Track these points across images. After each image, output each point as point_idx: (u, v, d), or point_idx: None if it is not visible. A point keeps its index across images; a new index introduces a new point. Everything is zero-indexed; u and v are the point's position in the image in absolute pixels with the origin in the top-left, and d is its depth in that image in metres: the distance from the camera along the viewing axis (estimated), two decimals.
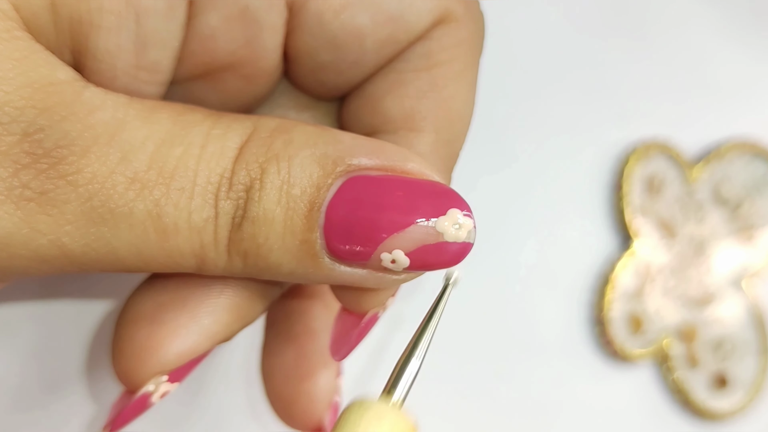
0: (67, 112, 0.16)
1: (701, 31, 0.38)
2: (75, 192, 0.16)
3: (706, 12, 0.38)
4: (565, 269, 0.35)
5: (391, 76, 0.20)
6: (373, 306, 0.20)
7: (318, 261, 0.17)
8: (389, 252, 0.17)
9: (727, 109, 0.38)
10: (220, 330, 0.20)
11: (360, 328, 0.20)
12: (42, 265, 0.17)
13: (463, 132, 0.21)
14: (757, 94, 0.38)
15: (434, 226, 0.17)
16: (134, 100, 0.17)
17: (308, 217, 0.17)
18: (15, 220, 0.16)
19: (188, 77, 0.20)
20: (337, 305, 0.21)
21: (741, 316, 0.36)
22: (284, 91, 0.22)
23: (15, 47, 0.16)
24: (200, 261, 0.17)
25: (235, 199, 0.17)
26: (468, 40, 0.20)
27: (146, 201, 0.16)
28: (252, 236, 0.17)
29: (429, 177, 0.18)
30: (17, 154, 0.16)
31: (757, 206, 0.37)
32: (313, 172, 0.17)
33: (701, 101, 0.37)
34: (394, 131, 0.20)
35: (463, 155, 0.22)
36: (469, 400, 0.32)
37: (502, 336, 0.33)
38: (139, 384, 0.20)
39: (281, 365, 0.23)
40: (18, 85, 0.16)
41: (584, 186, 0.35)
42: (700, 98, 0.37)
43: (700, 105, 0.37)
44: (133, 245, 0.17)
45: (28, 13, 0.17)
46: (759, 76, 0.38)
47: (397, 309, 0.31)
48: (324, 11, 0.19)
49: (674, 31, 0.37)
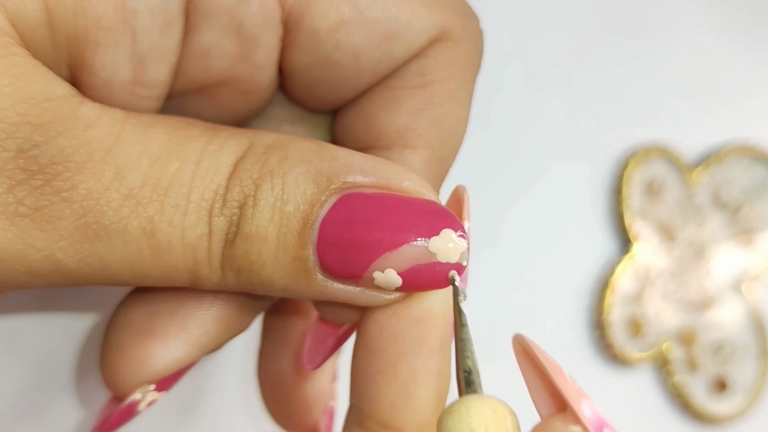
0: (63, 128, 0.16)
1: (701, 34, 0.37)
2: (69, 208, 0.16)
3: (706, 16, 0.38)
4: (565, 273, 0.35)
5: (385, 93, 0.20)
6: (351, 319, 0.20)
7: (311, 278, 0.17)
8: (381, 271, 0.17)
9: (727, 112, 0.37)
10: (208, 341, 0.20)
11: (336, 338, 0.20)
12: (36, 279, 0.17)
13: (455, 150, 0.21)
14: (756, 98, 0.38)
15: (427, 246, 0.17)
16: (130, 115, 0.17)
17: (301, 233, 0.17)
18: (9, 235, 0.16)
19: (184, 92, 0.20)
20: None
21: (741, 320, 0.36)
22: (278, 103, 0.22)
23: (12, 63, 0.16)
24: (194, 276, 0.17)
25: (228, 216, 0.17)
26: (464, 59, 0.20)
27: (140, 218, 0.16)
28: (245, 253, 0.17)
29: (424, 196, 0.17)
30: (12, 170, 0.16)
31: (756, 210, 0.37)
32: (307, 188, 0.17)
33: (701, 105, 0.37)
34: (388, 147, 0.20)
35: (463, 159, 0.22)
36: None
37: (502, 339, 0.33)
38: (127, 392, 0.20)
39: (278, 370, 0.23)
40: (14, 100, 0.16)
41: (584, 189, 0.35)
42: (700, 102, 0.37)
43: (699, 109, 0.37)
44: (127, 261, 0.17)
45: (25, 28, 0.17)
46: (759, 80, 0.38)
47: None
48: (319, 29, 0.19)
49: (674, 35, 0.37)
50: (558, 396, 0.16)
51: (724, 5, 0.38)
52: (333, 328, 0.20)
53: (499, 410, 0.15)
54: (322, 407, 0.23)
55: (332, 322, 0.20)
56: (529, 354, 0.16)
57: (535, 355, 0.16)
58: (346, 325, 0.20)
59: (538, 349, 0.16)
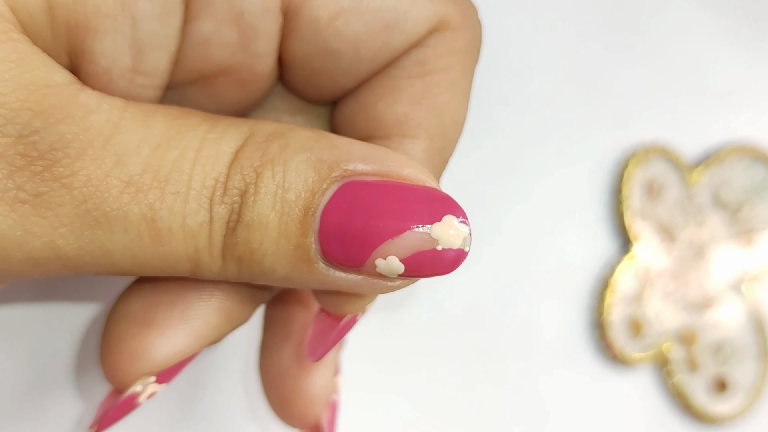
0: (63, 115, 0.16)
1: (701, 34, 0.38)
2: (69, 195, 0.16)
3: (706, 16, 0.38)
4: (565, 273, 0.35)
5: (385, 82, 0.20)
6: (353, 310, 0.20)
7: (312, 266, 0.17)
8: (384, 258, 0.17)
9: (727, 112, 0.38)
10: (209, 332, 0.20)
11: (338, 330, 0.20)
12: (36, 267, 0.17)
13: (455, 140, 0.21)
14: (756, 98, 0.38)
15: (429, 233, 0.17)
16: (130, 104, 0.17)
17: (303, 222, 0.17)
18: (9, 222, 0.16)
19: (183, 82, 0.20)
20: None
21: (741, 320, 0.36)
22: (278, 94, 0.22)
23: (12, 49, 0.16)
24: (194, 265, 0.17)
25: (229, 204, 0.17)
26: (464, 48, 0.20)
27: (141, 204, 0.16)
28: (246, 241, 0.17)
29: (425, 183, 0.17)
30: (12, 156, 0.16)
31: (756, 210, 0.37)
32: (309, 176, 0.17)
33: (701, 105, 0.37)
34: (388, 137, 0.20)
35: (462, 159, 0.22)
36: (468, 404, 0.32)
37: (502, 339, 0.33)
38: (127, 384, 0.20)
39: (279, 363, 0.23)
40: (14, 87, 0.16)
41: (584, 190, 0.35)
42: (700, 102, 0.37)
43: (699, 109, 0.37)
44: (127, 249, 0.17)
45: (25, 15, 0.17)
46: (759, 80, 0.38)
47: (393, 312, 0.32)
48: (318, 18, 0.19)
49: (674, 35, 0.37)
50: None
51: (724, 5, 0.38)
52: (335, 319, 0.20)
53: None
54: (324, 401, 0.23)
55: (334, 313, 0.20)
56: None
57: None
58: (347, 316, 0.20)
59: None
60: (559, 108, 0.35)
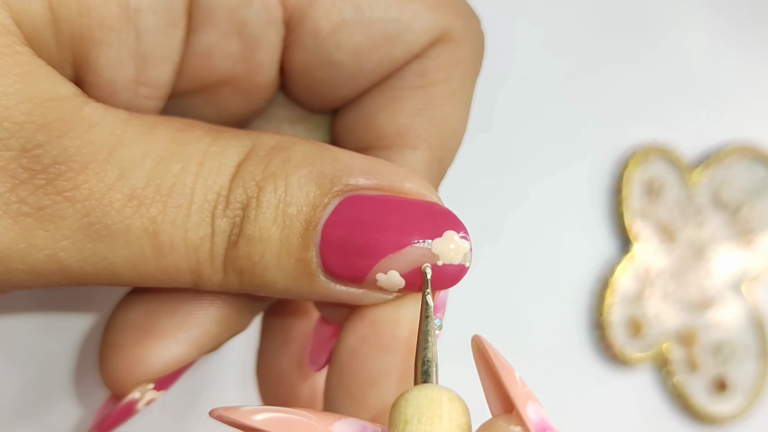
0: (67, 128, 0.16)
1: (701, 35, 0.38)
2: (72, 208, 0.16)
3: (706, 16, 0.38)
4: (565, 273, 0.35)
5: (386, 93, 0.20)
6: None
7: (314, 279, 0.17)
8: (385, 272, 0.17)
9: (727, 113, 0.37)
10: (208, 340, 0.20)
11: None
12: (38, 278, 0.17)
13: (454, 151, 0.21)
14: (756, 98, 0.38)
15: (430, 248, 0.17)
16: (133, 116, 0.17)
17: (304, 235, 0.17)
18: (12, 234, 0.16)
19: (186, 92, 0.20)
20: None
21: (741, 320, 0.36)
22: (279, 103, 0.22)
23: (16, 62, 0.16)
24: (196, 277, 0.17)
25: (231, 217, 0.17)
26: (466, 60, 0.20)
27: (143, 218, 0.16)
28: (248, 254, 0.17)
29: (426, 197, 0.17)
30: (15, 169, 0.16)
31: (756, 210, 0.37)
32: (310, 191, 0.17)
33: (701, 105, 0.37)
34: (388, 147, 0.20)
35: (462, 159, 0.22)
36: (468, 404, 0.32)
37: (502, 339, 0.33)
38: (126, 391, 0.20)
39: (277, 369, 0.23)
40: (18, 100, 0.16)
41: (584, 190, 0.35)
42: (700, 102, 0.37)
43: (699, 109, 0.37)
44: (129, 261, 0.17)
45: (29, 28, 0.17)
46: (759, 80, 0.38)
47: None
48: (321, 29, 0.19)
49: (674, 36, 0.37)
50: (508, 398, 0.16)
51: (724, 5, 0.38)
52: (335, 328, 0.20)
53: (436, 399, 0.15)
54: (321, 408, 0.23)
55: (334, 322, 0.20)
56: (484, 355, 0.16)
57: (489, 356, 0.16)
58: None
59: (492, 350, 0.16)
60: (559, 108, 0.35)
